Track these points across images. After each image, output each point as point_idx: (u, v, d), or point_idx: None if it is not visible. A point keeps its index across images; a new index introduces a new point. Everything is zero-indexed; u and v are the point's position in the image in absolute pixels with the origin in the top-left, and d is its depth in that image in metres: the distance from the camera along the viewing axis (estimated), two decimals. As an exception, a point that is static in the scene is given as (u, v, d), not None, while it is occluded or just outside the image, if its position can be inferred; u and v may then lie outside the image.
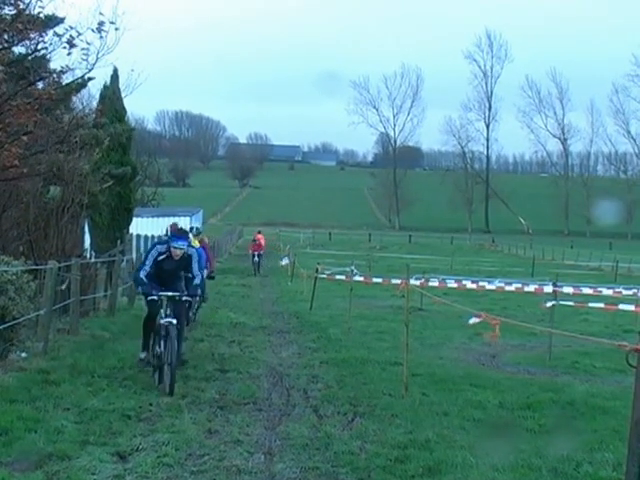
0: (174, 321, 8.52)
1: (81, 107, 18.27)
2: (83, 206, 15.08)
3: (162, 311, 8.76)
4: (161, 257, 9.00)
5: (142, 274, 8.97)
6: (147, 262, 9.04)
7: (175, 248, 8.92)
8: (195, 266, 9.18)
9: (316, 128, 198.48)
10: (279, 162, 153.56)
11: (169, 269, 9.07)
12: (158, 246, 9.16)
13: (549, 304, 11.75)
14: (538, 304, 14.15)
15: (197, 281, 9.20)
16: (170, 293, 8.78)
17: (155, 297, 8.79)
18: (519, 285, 15.18)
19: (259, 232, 36.85)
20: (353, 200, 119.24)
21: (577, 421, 7.52)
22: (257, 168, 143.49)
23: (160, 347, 8.57)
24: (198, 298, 13.20)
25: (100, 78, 24.63)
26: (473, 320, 7.67)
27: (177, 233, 9.25)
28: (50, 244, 13.63)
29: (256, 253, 33.81)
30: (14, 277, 9.18)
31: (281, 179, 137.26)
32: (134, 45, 17.35)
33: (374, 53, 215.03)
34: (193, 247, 9.56)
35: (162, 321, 8.59)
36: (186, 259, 9.08)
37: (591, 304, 12.62)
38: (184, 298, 8.95)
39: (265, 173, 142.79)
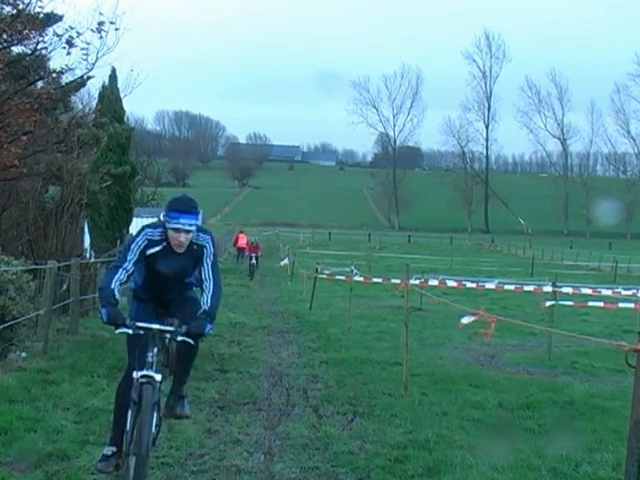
0: (157, 377, 4.82)
1: (80, 107, 18.29)
2: (82, 206, 15.11)
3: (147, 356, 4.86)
4: (152, 250, 5.11)
5: (113, 282, 4.95)
6: (128, 257, 5.05)
7: (176, 230, 4.96)
8: (208, 265, 5.19)
9: (316, 128, 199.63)
10: (279, 162, 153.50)
11: (168, 272, 5.21)
12: (148, 230, 5.16)
13: (548, 304, 11.76)
14: (537, 304, 14.16)
15: (210, 300, 5.06)
16: (156, 326, 4.88)
17: (130, 330, 4.85)
18: (518, 285, 15.19)
19: (241, 231, 36.26)
20: (353, 200, 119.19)
21: (576, 421, 7.52)
22: (257, 168, 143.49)
23: (128, 422, 4.88)
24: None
25: (99, 78, 24.73)
26: (466, 319, 7.65)
27: (178, 204, 5.02)
28: (50, 244, 13.65)
29: (253, 255, 33.28)
30: (14, 277, 9.19)
31: (280, 179, 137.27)
32: (133, 45, 17.37)
33: (374, 53, 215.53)
34: (206, 232, 5.30)
35: (137, 374, 4.81)
36: (195, 253, 5.18)
37: (591, 303, 12.63)
38: (179, 338, 4.93)
39: (265, 173, 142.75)
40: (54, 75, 13.42)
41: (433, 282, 15.41)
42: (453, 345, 13.04)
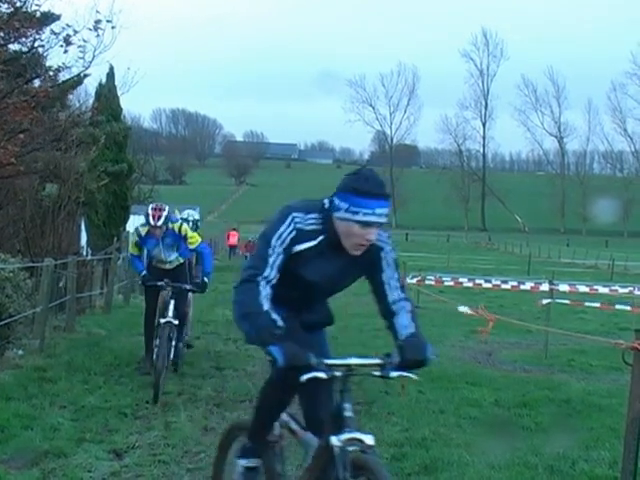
0: (369, 439, 3.24)
1: (78, 105, 18.29)
2: (79, 204, 15.10)
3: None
4: (302, 246, 3.37)
5: (264, 302, 3.25)
6: (270, 259, 3.31)
7: (366, 225, 3.27)
8: (395, 279, 3.76)
9: (312, 126, 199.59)
10: (275, 160, 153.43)
11: (318, 280, 3.57)
12: (297, 215, 3.36)
13: (545, 302, 11.77)
14: (534, 302, 14.16)
15: (412, 320, 3.76)
16: (357, 361, 3.52)
17: (323, 374, 3.30)
18: (515, 283, 15.20)
19: (233, 229, 35.67)
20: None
21: (573, 419, 7.52)
22: (253, 166, 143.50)
23: None
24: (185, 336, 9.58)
25: (96, 76, 24.70)
26: (464, 308, 7.66)
27: (368, 184, 3.23)
28: (46, 242, 13.63)
29: (248, 254, 32.66)
30: (11, 274, 9.18)
31: (277, 177, 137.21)
32: (130, 43, 17.37)
33: (371, 52, 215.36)
34: None
35: (336, 441, 3.22)
36: (367, 256, 3.56)
37: (587, 303, 12.64)
38: (393, 374, 3.49)
39: (261, 171, 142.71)
40: (51, 73, 13.42)
41: (430, 281, 15.41)
42: (450, 343, 13.03)
